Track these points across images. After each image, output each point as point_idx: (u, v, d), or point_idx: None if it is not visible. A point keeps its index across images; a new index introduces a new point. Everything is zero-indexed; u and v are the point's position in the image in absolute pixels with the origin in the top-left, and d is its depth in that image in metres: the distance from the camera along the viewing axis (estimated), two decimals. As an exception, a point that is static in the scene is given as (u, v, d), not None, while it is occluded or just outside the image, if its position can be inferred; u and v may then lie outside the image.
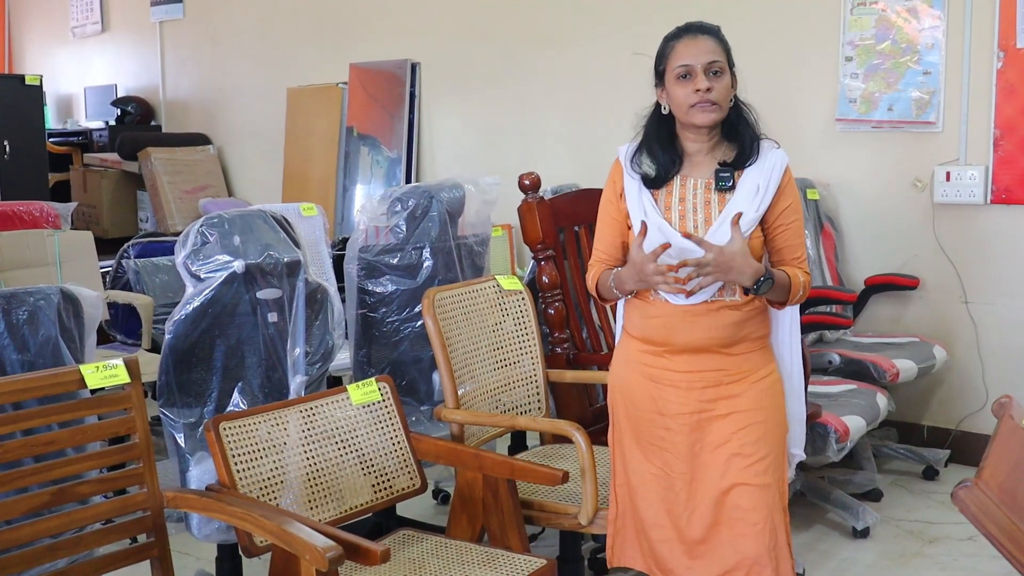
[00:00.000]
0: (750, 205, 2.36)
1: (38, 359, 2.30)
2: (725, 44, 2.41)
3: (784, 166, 2.41)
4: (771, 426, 2.42)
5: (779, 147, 2.45)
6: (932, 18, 4.29)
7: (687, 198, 2.41)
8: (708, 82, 2.35)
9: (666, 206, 2.42)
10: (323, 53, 6.55)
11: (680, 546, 2.46)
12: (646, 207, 2.41)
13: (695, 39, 2.40)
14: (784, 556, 2.41)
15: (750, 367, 2.42)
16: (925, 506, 3.91)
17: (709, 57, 2.36)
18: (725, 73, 2.38)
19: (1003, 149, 4.17)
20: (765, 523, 2.38)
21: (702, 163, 2.43)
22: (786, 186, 2.41)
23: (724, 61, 2.38)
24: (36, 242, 4.21)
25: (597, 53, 5.26)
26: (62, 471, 2.19)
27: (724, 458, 2.40)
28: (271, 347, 2.71)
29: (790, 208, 2.41)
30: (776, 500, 2.41)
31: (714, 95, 2.35)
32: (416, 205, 3.31)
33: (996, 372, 4.28)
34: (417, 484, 2.68)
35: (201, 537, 2.62)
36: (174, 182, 6.99)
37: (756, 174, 2.39)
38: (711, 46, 2.38)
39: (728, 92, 2.39)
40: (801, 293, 2.41)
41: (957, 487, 1.64)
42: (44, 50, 8.81)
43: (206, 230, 2.62)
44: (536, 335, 3.16)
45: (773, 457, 2.42)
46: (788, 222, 2.41)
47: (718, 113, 2.37)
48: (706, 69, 2.36)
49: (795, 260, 2.42)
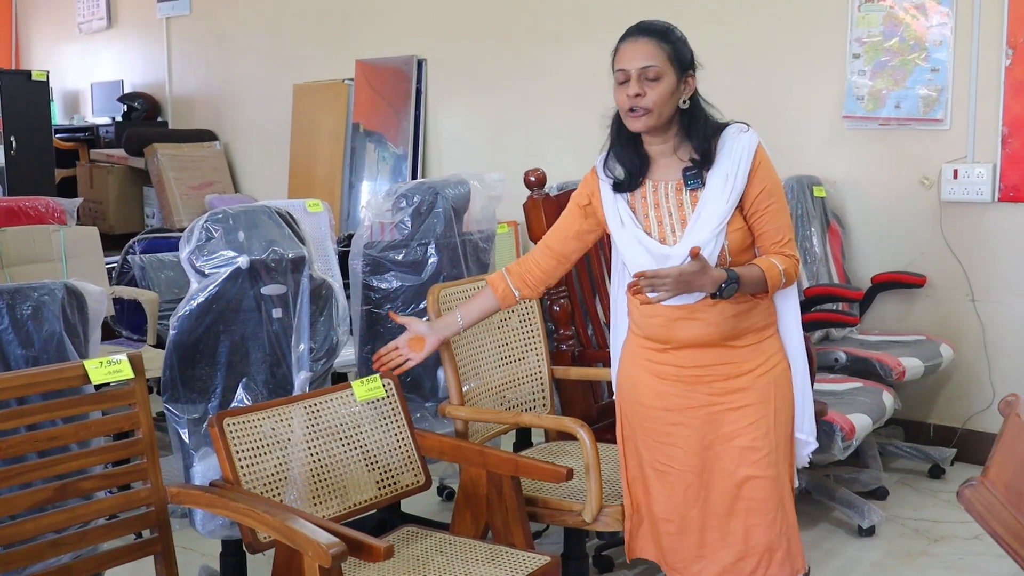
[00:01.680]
0: (721, 197, 2.33)
1: (42, 354, 2.30)
2: (671, 45, 2.33)
3: (752, 150, 2.34)
4: (780, 417, 2.43)
5: (748, 129, 2.38)
6: (940, 15, 4.27)
7: (660, 203, 2.40)
8: (639, 88, 2.31)
9: (644, 215, 2.41)
10: (329, 49, 6.54)
11: (688, 538, 2.47)
12: (622, 216, 2.42)
13: (634, 42, 2.36)
14: (794, 538, 2.44)
15: (757, 358, 2.42)
16: (931, 505, 3.90)
17: (643, 62, 2.32)
18: (663, 78, 2.31)
19: (1011, 147, 4.15)
20: (776, 512, 2.41)
21: (668, 164, 2.41)
22: (757, 169, 2.34)
23: (662, 65, 2.31)
24: (42, 237, 4.21)
25: (604, 51, 5.18)
26: (66, 466, 2.19)
27: (737, 451, 2.40)
28: (275, 343, 2.71)
29: (765, 192, 2.35)
30: (785, 487, 2.43)
31: (646, 101, 2.31)
32: (421, 201, 3.31)
33: (1003, 370, 4.27)
34: (421, 481, 2.68)
35: (205, 533, 2.62)
36: (180, 178, 6.99)
37: (724, 164, 2.34)
38: (648, 50, 2.33)
39: (665, 97, 2.31)
40: (783, 280, 2.36)
41: (963, 486, 1.63)
42: (51, 46, 8.82)
43: (211, 226, 2.62)
44: (541, 332, 3.16)
45: (783, 447, 2.44)
46: (764, 207, 2.36)
47: (650, 119, 2.32)
48: (640, 75, 2.32)
49: (776, 245, 2.38)
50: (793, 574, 2.45)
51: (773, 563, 2.43)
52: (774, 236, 2.38)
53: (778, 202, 2.38)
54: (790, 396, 2.47)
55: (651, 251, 2.37)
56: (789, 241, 2.40)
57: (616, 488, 2.76)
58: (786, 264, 2.37)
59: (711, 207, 2.33)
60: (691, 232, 2.34)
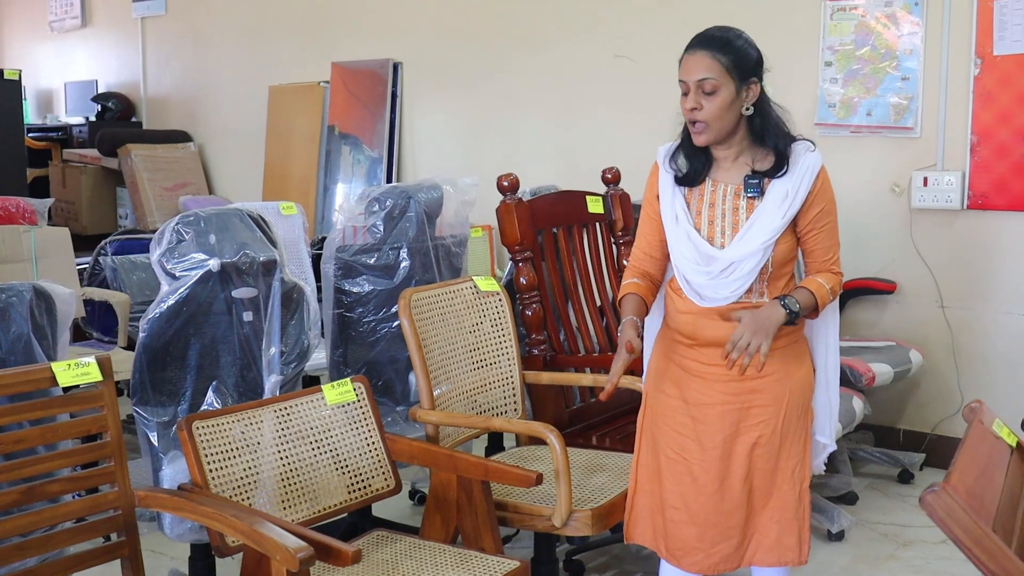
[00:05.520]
0: (777, 211, 2.36)
1: (9, 356, 2.28)
2: (729, 56, 2.34)
3: (816, 171, 2.38)
4: (791, 420, 2.47)
5: (814, 148, 2.42)
6: (911, 24, 4.32)
7: (716, 203, 2.42)
8: (696, 101, 2.34)
9: (696, 211, 2.44)
10: (305, 52, 6.53)
11: (690, 529, 2.49)
12: (677, 212, 2.45)
13: (692, 55, 2.37)
14: (803, 528, 2.51)
15: (778, 365, 2.44)
16: (900, 509, 3.93)
17: (699, 75, 2.34)
18: (720, 90, 2.33)
19: (980, 155, 4.20)
20: (784, 512, 2.47)
21: (731, 168, 2.43)
22: (819, 191, 2.39)
23: (719, 77, 2.32)
24: (11, 238, 4.17)
25: (579, 54, 5.27)
26: (32, 469, 2.17)
27: (743, 447, 2.44)
28: (246, 346, 2.70)
29: (823, 211, 2.41)
30: (800, 486, 2.48)
31: (702, 114, 2.34)
32: (394, 205, 3.30)
33: (971, 376, 4.31)
34: (392, 485, 2.68)
35: (173, 537, 2.60)
36: (154, 179, 6.95)
37: (786, 180, 2.38)
38: (705, 62, 2.34)
39: (723, 110, 2.34)
40: (831, 298, 2.44)
41: (925, 491, 1.65)
42: (23, 44, 8.75)
43: (182, 228, 2.61)
44: (513, 336, 3.16)
45: (790, 445, 2.47)
46: (820, 226, 2.42)
47: (710, 134, 2.36)
48: (697, 87, 2.34)
49: (826, 262, 2.45)
50: (792, 563, 2.51)
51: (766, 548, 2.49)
52: (825, 255, 2.44)
53: (832, 222, 2.44)
54: (804, 399, 2.51)
55: (699, 248, 2.40)
56: (837, 259, 2.47)
57: (586, 493, 2.77)
58: (833, 282, 2.44)
59: (765, 219, 2.36)
60: (742, 239, 2.37)
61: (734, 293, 2.39)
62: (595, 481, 2.86)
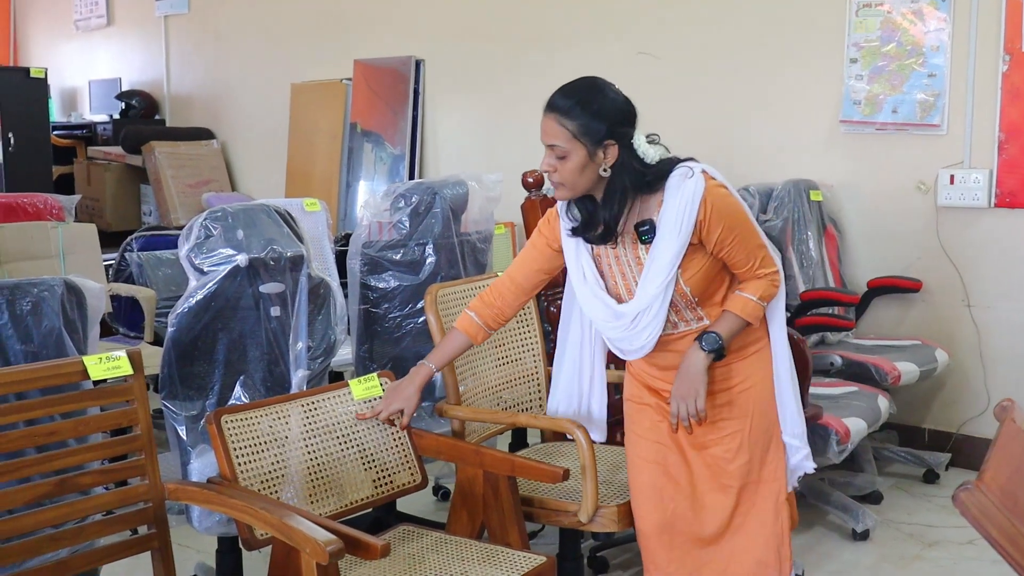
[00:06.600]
0: (667, 252, 2.31)
1: (41, 350, 2.30)
2: (577, 122, 2.27)
3: (697, 200, 2.28)
4: (756, 429, 2.48)
5: (692, 173, 2.30)
6: (938, 20, 4.29)
7: (620, 256, 2.41)
8: (549, 164, 2.32)
9: (607, 264, 2.44)
10: (327, 49, 6.55)
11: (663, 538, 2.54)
12: (585, 270, 2.44)
13: (545, 117, 2.33)
14: (786, 556, 2.49)
15: (739, 375, 2.47)
16: (925, 509, 3.91)
17: (548, 140, 2.31)
18: (570, 155, 2.27)
19: (1008, 153, 4.17)
20: (758, 523, 2.48)
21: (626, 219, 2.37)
22: (710, 216, 2.29)
23: (566, 144, 2.27)
24: (40, 234, 4.21)
25: (601, 52, 5.26)
26: (64, 462, 2.19)
27: (710, 458, 2.48)
28: (273, 341, 2.71)
29: (725, 229, 2.32)
30: (762, 496, 2.49)
31: (556, 177, 2.32)
32: (419, 201, 3.31)
33: (998, 376, 4.28)
34: (418, 480, 2.69)
35: (202, 530, 2.62)
36: (178, 176, 6.99)
37: (668, 216, 2.30)
38: (553, 129, 2.30)
39: (575, 174, 2.29)
40: (764, 305, 2.41)
41: (958, 489, 1.64)
42: (49, 43, 8.82)
43: (210, 224, 2.62)
44: (538, 332, 3.16)
45: (760, 458, 2.49)
46: (729, 242, 2.34)
47: (564, 192, 2.34)
48: (549, 151, 2.32)
49: (750, 270, 2.40)
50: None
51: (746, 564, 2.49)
52: (746, 263, 2.40)
53: (740, 233, 2.35)
54: (768, 411, 2.51)
55: (607, 305, 2.42)
56: (763, 259, 2.41)
57: (611, 490, 2.77)
58: (761, 288, 2.40)
59: (658, 262, 2.33)
60: (641, 288, 2.36)
61: (649, 340, 2.39)
62: (620, 478, 2.86)
